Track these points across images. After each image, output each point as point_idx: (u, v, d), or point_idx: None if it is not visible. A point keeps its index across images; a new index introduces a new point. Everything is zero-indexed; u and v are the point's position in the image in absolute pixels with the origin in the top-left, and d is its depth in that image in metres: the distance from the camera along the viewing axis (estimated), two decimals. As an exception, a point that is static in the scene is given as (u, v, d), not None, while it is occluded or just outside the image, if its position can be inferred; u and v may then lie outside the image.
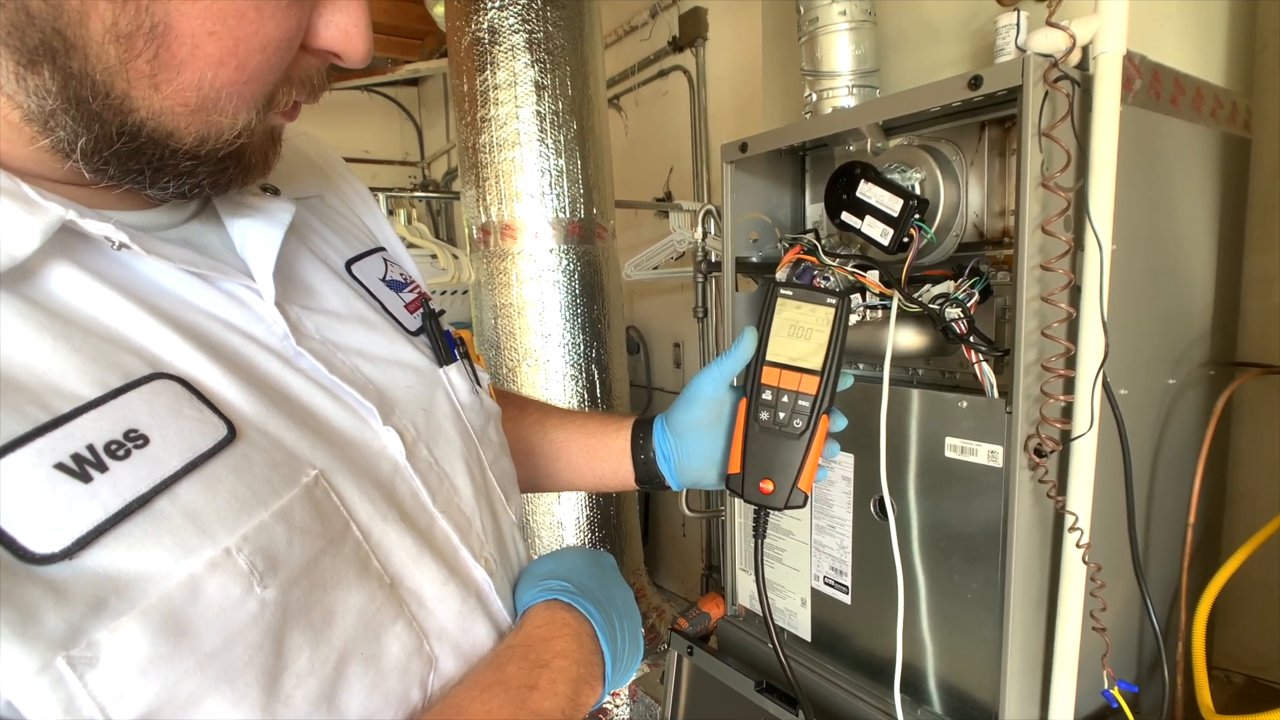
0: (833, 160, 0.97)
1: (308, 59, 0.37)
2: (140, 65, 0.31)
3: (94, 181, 0.34)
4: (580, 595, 0.50)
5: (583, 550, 0.58)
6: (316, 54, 0.37)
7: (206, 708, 0.30)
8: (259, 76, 0.34)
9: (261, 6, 0.32)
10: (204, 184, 0.37)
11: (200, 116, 0.33)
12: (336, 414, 0.41)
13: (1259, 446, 1.03)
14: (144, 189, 0.36)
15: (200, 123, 0.34)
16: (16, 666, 0.26)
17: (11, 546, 0.27)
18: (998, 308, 0.80)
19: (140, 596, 0.29)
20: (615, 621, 0.51)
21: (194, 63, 0.32)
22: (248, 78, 0.33)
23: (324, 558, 0.36)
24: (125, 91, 0.31)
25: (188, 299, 0.38)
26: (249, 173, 0.39)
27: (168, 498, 0.31)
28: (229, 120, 0.34)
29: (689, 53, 2.31)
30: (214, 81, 0.32)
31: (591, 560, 0.56)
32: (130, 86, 0.31)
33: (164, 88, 0.32)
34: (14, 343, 0.30)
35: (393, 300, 0.51)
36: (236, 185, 0.39)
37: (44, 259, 0.33)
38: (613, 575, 0.56)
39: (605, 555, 0.58)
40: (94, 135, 0.32)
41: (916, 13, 0.90)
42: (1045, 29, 0.66)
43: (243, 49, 0.32)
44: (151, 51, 0.31)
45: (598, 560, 0.57)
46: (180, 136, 0.34)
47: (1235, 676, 1.03)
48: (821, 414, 0.57)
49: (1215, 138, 0.89)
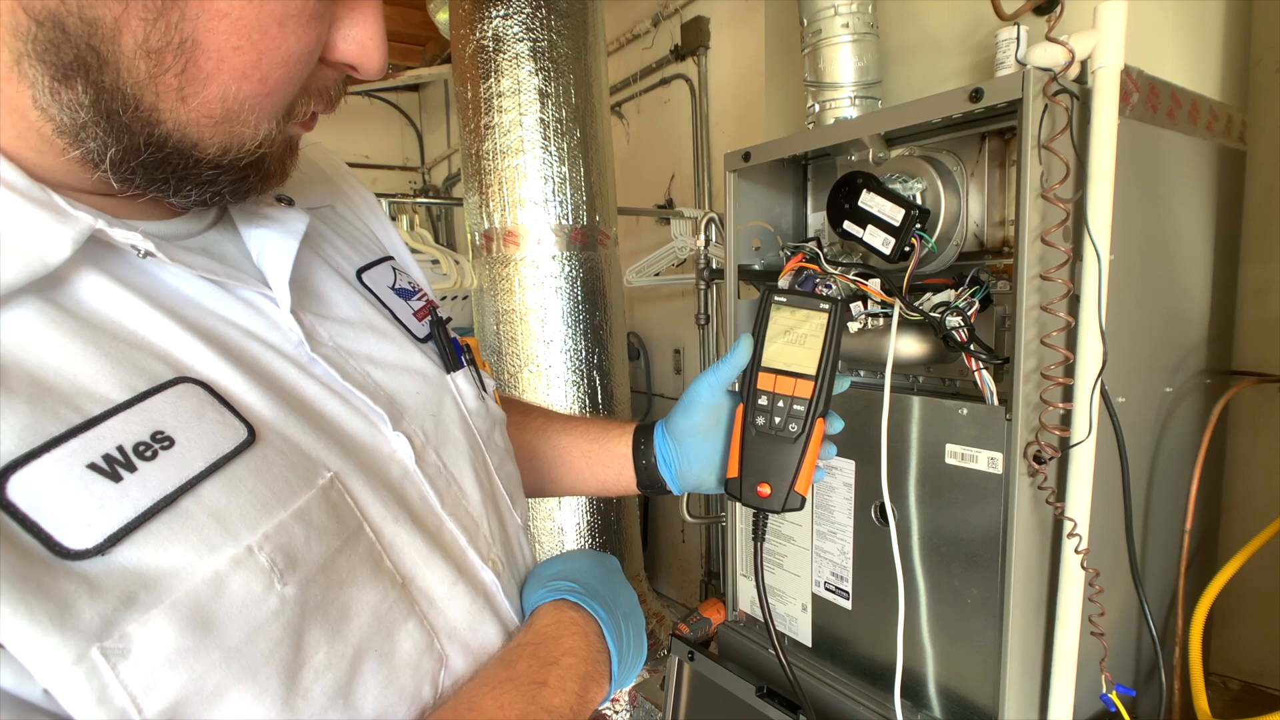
0: (835, 170, 0.98)
1: (325, 71, 0.38)
2: (169, 79, 0.32)
3: (120, 191, 0.35)
4: (587, 595, 0.51)
5: (588, 552, 0.59)
6: (334, 66, 0.38)
7: (230, 699, 0.31)
8: (280, 89, 0.35)
9: (285, 22, 0.33)
10: (225, 192, 0.38)
11: (224, 128, 0.34)
12: (349, 419, 0.42)
13: (1254, 454, 1.04)
14: (167, 197, 0.36)
15: (224, 134, 0.35)
16: (54, 656, 0.27)
17: (48, 542, 0.28)
18: (997, 316, 0.81)
19: (168, 591, 0.30)
20: (621, 621, 0.52)
21: (219, 76, 0.33)
22: (270, 90, 0.34)
23: (340, 556, 0.37)
24: (154, 104, 0.32)
25: (208, 306, 0.39)
26: (268, 181, 0.39)
27: (193, 497, 0.32)
28: (251, 131, 0.35)
29: (691, 61, 2.33)
30: (238, 94, 0.34)
31: (597, 562, 0.57)
32: (159, 99, 0.32)
33: (190, 100, 0.33)
34: (47, 348, 0.31)
35: (402, 308, 0.52)
36: (256, 193, 0.40)
37: (74, 267, 0.34)
38: (618, 577, 0.57)
39: (610, 558, 0.59)
40: (123, 146, 0.33)
41: (918, 26, 0.92)
42: (1045, 43, 0.67)
43: (266, 63, 0.33)
44: (180, 66, 0.32)
45: (603, 562, 0.58)
46: (204, 147, 0.35)
47: (1232, 682, 1.04)
48: (817, 417, 0.58)
49: (1211, 150, 0.90)
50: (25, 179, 0.33)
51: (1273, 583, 1.00)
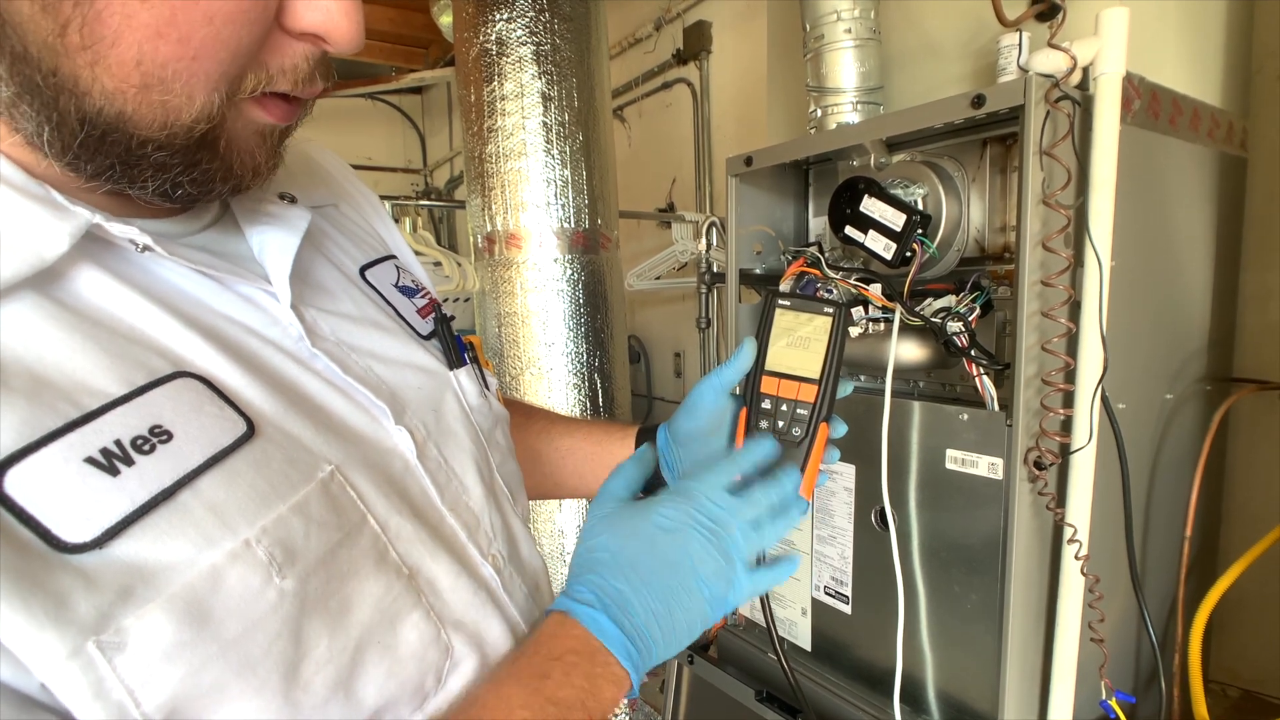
0: (836, 174, 0.98)
1: (292, 44, 0.35)
2: (72, 37, 0.29)
3: (77, 182, 0.34)
4: (598, 608, 0.44)
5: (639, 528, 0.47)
6: (301, 38, 0.35)
7: (230, 693, 0.31)
8: (209, 52, 0.32)
9: None
10: (183, 181, 0.35)
11: (148, 96, 0.31)
12: (350, 413, 0.42)
13: (1255, 461, 1.04)
14: (126, 188, 0.35)
15: (152, 104, 0.32)
16: (51, 650, 0.27)
17: (45, 536, 0.28)
18: (998, 322, 0.81)
19: (165, 585, 0.30)
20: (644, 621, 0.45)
21: (129, 34, 0.30)
22: (194, 53, 0.31)
23: (341, 550, 0.37)
24: (72, 72, 0.30)
25: (206, 301, 0.39)
26: (233, 175, 0.37)
27: (190, 491, 0.32)
28: (184, 102, 0.32)
29: (693, 65, 2.34)
30: (155, 56, 0.30)
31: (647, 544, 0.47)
32: (75, 66, 0.30)
33: (103, 63, 0.30)
34: (45, 342, 0.32)
35: (405, 305, 0.53)
36: (223, 189, 0.37)
37: (71, 262, 0.34)
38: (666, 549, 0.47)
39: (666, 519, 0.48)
40: (54, 125, 0.31)
41: (920, 32, 0.92)
42: (1047, 50, 0.67)
43: (182, 19, 0.30)
44: (79, 19, 0.29)
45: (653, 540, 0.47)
46: (136, 121, 0.32)
47: (1231, 690, 1.03)
48: (820, 422, 0.58)
49: (1212, 157, 0.90)
50: (22, 175, 0.33)
51: (1273, 590, 1.00)
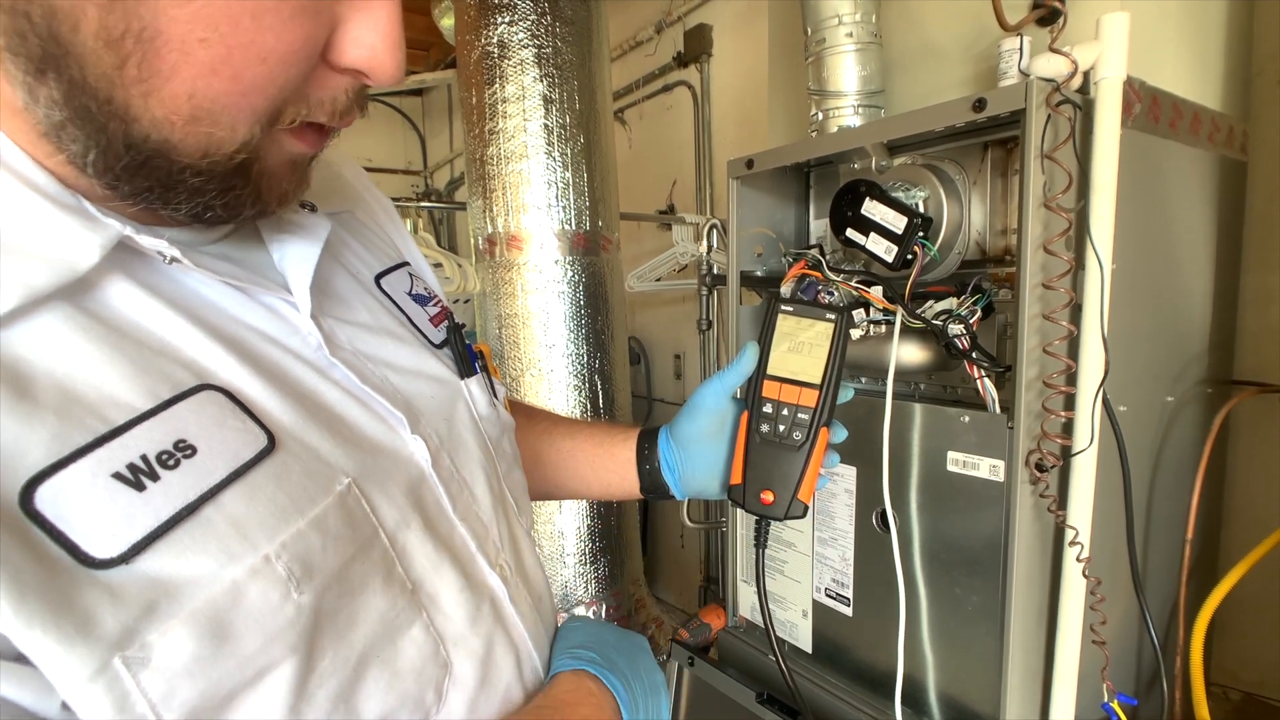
0: (837, 177, 0.98)
1: (334, 78, 0.36)
2: (130, 71, 0.30)
3: (112, 198, 0.34)
4: (607, 669, 0.51)
5: (616, 627, 0.59)
6: (344, 73, 0.36)
7: (244, 707, 0.31)
8: (259, 89, 0.32)
9: (259, 15, 0.30)
10: (215, 205, 0.35)
11: (195, 128, 0.32)
12: (368, 423, 0.42)
13: (1256, 463, 1.05)
14: (159, 208, 0.35)
15: (198, 135, 0.32)
16: (78, 667, 0.27)
17: (74, 551, 0.29)
18: (999, 324, 0.81)
19: (188, 600, 0.30)
20: (639, 700, 0.52)
21: (185, 70, 0.30)
22: (244, 89, 0.32)
23: (354, 564, 0.37)
24: (125, 101, 0.30)
25: (230, 311, 0.39)
26: (261, 201, 0.37)
27: (214, 506, 0.32)
28: (228, 134, 0.33)
29: (694, 68, 2.34)
30: (206, 91, 0.31)
31: (624, 637, 0.58)
32: (128, 96, 0.30)
33: (154, 95, 0.30)
34: (75, 356, 0.32)
35: (418, 313, 0.53)
36: (249, 213, 0.38)
37: (101, 273, 0.34)
38: (644, 657, 0.57)
39: (639, 636, 0.59)
40: (101, 149, 0.31)
41: (921, 35, 0.92)
42: (1048, 54, 0.68)
43: (237, 58, 0.31)
44: (139, 55, 0.29)
45: (630, 639, 0.58)
46: (179, 150, 0.32)
47: (1233, 693, 1.03)
48: (821, 426, 0.58)
49: (1213, 160, 0.90)
50: (56, 184, 0.33)
51: (1274, 593, 1.00)
